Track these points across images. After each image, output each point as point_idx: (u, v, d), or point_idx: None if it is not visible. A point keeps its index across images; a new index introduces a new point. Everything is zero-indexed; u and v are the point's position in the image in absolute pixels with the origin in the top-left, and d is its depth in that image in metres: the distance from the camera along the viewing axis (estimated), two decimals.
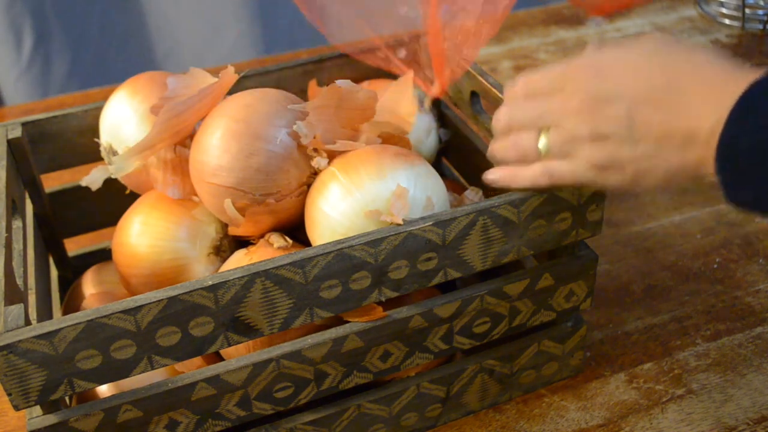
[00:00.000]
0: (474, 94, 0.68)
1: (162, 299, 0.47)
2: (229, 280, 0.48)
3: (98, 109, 0.65)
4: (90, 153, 0.67)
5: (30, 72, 1.40)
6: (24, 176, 0.63)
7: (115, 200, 0.67)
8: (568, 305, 0.60)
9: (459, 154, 0.74)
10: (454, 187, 0.70)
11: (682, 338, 0.68)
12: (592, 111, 0.49)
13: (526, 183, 0.53)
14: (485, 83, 0.65)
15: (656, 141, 0.46)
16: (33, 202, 0.65)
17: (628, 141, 0.47)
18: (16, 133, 0.62)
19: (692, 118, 0.45)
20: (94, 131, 0.66)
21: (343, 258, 0.50)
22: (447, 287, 0.60)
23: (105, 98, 0.64)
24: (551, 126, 0.51)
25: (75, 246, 0.74)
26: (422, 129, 0.71)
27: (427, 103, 0.71)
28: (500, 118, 0.54)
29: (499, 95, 0.63)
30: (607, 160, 0.49)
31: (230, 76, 0.60)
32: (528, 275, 0.57)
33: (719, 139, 0.43)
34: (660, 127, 0.46)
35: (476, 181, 0.66)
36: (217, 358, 0.59)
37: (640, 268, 0.76)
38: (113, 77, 1.35)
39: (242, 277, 0.48)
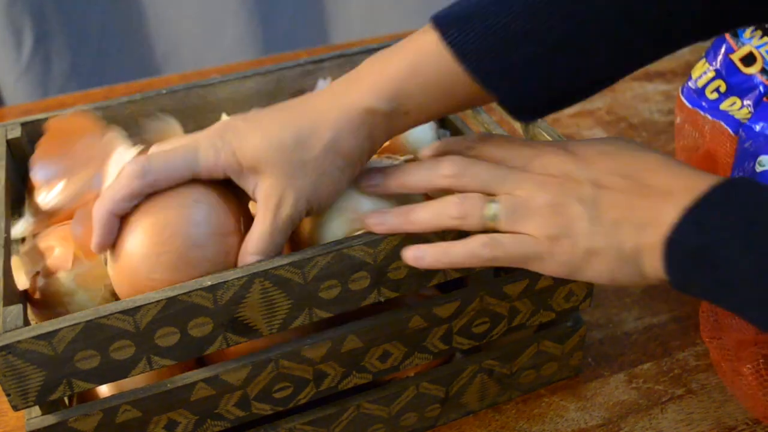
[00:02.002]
0: None
1: (161, 300, 0.47)
2: (228, 281, 0.48)
3: (99, 109, 0.65)
4: None
5: (30, 72, 1.40)
6: (23, 176, 0.63)
7: None
8: (567, 305, 0.60)
9: None
10: None
11: (682, 338, 0.68)
12: (557, 184, 0.47)
13: (460, 257, 0.48)
14: None
15: (615, 221, 0.45)
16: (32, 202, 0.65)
17: (587, 217, 0.46)
18: (16, 133, 0.62)
19: (653, 209, 0.45)
20: None
21: (343, 258, 0.50)
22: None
23: (105, 98, 0.65)
24: (506, 193, 0.48)
25: None
26: (421, 129, 0.71)
27: None
28: (447, 166, 0.49)
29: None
30: (561, 229, 0.46)
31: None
32: (527, 275, 0.57)
33: (670, 236, 0.43)
34: (622, 209, 0.46)
35: None
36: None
37: None
38: (113, 77, 1.35)
39: (241, 277, 0.48)
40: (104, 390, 0.56)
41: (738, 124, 0.68)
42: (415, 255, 0.49)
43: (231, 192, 0.52)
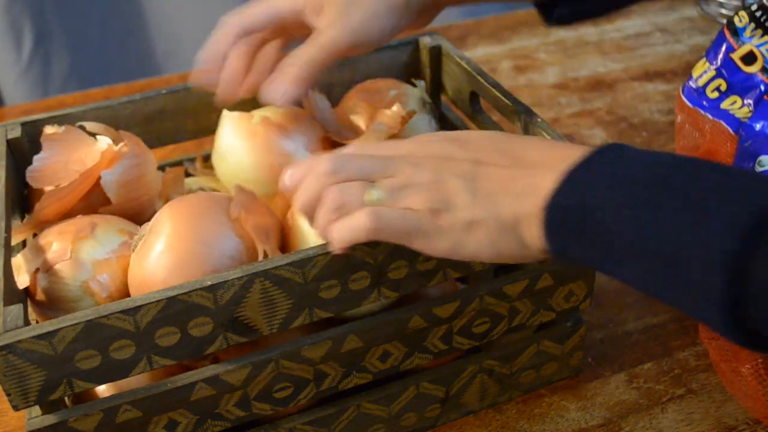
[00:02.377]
0: (473, 94, 0.68)
1: (161, 299, 0.47)
2: (228, 281, 0.48)
3: (98, 109, 0.65)
4: None
5: (30, 72, 1.40)
6: (23, 176, 0.63)
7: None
8: (567, 305, 0.60)
9: None
10: None
11: (682, 338, 0.68)
12: (436, 162, 0.48)
13: (346, 232, 0.48)
14: (485, 83, 0.65)
15: (494, 193, 0.46)
16: (31, 203, 0.65)
17: (466, 190, 0.47)
18: (16, 133, 0.62)
19: (531, 178, 0.45)
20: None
21: (343, 258, 0.50)
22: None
23: (105, 98, 0.65)
24: (388, 177, 0.48)
25: None
26: (422, 129, 0.71)
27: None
28: (324, 165, 0.49)
29: (498, 95, 0.63)
30: (441, 203, 0.47)
31: (110, 152, 0.59)
32: (527, 275, 0.57)
33: (547, 201, 0.43)
34: (501, 181, 0.46)
35: None
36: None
37: None
38: (113, 77, 1.35)
39: (241, 277, 0.48)
40: (103, 390, 0.57)
41: (738, 123, 0.68)
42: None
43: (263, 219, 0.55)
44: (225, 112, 0.65)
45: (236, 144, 0.63)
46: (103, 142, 0.61)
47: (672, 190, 0.40)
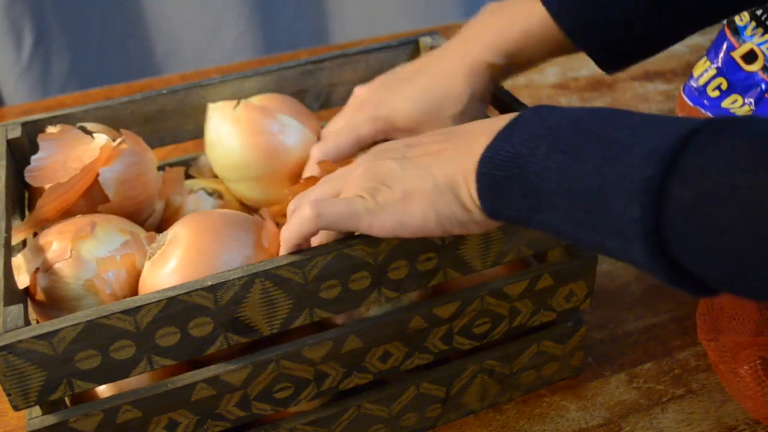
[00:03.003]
0: None
1: (161, 299, 0.47)
2: (228, 281, 0.48)
3: (98, 109, 0.65)
4: None
5: (30, 72, 1.40)
6: (23, 176, 0.63)
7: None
8: (568, 305, 0.60)
9: None
10: None
11: (682, 338, 0.68)
12: (373, 155, 0.52)
13: (294, 227, 0.50)
14: None
15: (427, 163, 0.48)
16: (32, 203, 0.65)
17: (398, 166, 0.49)
18: (16, 133, 0.62)
19: (466, 144, 0.47)
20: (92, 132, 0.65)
21: (343, 258, 0.50)
22: None
23: (105, 98, 0.65)
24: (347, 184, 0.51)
25: None
26: None
27: None
28: (305, 208, 0.51)
29: (498, 95, 0.63)
30: (376, 181, 0.49)
31: (109, 148, 0.59)
32: (528, 275, 0.57)
33: (481, 157, 0.44)
34: (434, 153, 0.48)
35: None
36: None
37: None
38: (113, 77, 1.35)
39: (242, 277, 0.48)
40: (102, 390, 0.56)
41: None
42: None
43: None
44: (210, 105, 0.66)
45: (223, 131, 0.65)
46: (101, 138, 0.60)
47: (594, 134, 0.41)
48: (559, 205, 0.41)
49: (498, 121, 0.46)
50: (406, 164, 0.49)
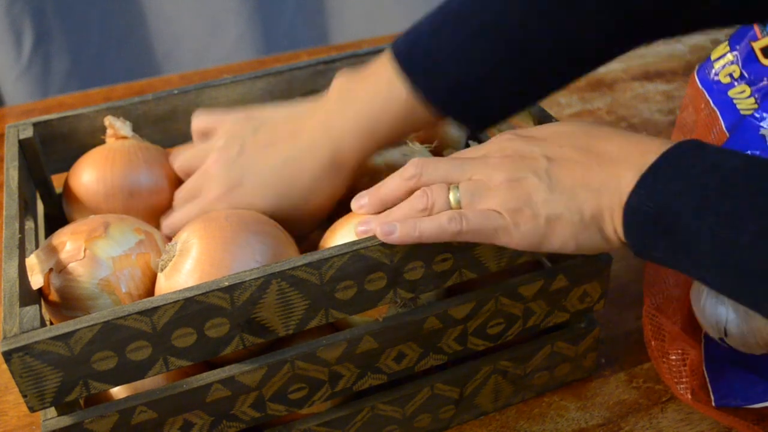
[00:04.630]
0: None
1: (178, 300, 0.47)
2: (245, 281, 0.48)
3: (110, 110, 0.65)
4: None
5: (30, 72, 1.39)
6: (35, 177, 0.62)
7: None
8: (581, 306, 0.60)
9: None
10: None
11: None
12: (512, 162, 0.49)
13: (429, 231, 0.49)
14: None
15: (572, 188, 0.47)
16: (44, 203, 0.65)
17: (544, 187, 0.48)
18: (28, 133, 0.62)
19: (609, 173, 0.46)
20: (105, 132, 0.65)
21: (359, 259, 0.50)
22: None
23: (105, 98, 0.64)
24: (466, 179, 0.50)
25: None
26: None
27: None
28: (409, 169, 0.52)
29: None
30: (520, 201, 0.48)
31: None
32: (542, 276, 0.57)
33: (627, 202, 0.45)
34: (578, 176, 0.47)
35: None
36: None
37: (640, 268, 0.76)
38: (113, 77, 1.35)
39: (258, 278, 0.48)
40: (117, 391, 0.56)
41: (736, 120, 0.68)
42: (384, 230, 0.50)
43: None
44: None
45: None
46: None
47: (747, 198, 0.41)
48: (715, 273, 0.42)
49: (644, 147, 0.46)
50: (551, 185, 0.48)
